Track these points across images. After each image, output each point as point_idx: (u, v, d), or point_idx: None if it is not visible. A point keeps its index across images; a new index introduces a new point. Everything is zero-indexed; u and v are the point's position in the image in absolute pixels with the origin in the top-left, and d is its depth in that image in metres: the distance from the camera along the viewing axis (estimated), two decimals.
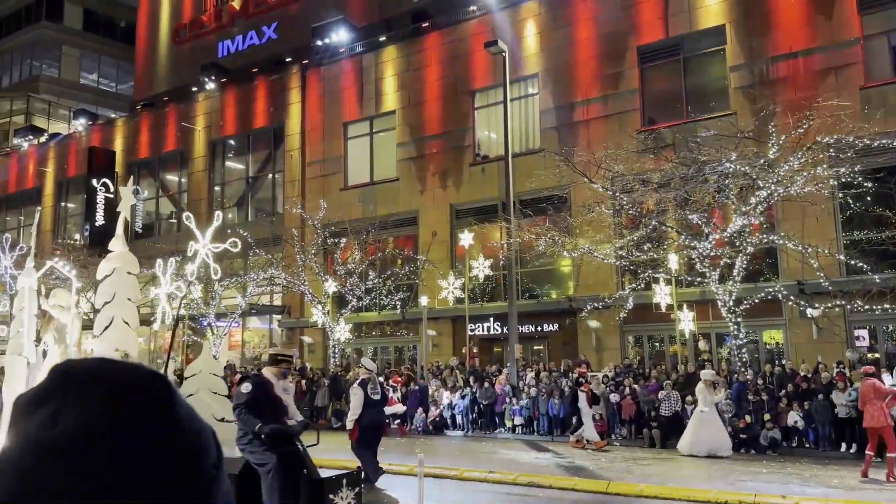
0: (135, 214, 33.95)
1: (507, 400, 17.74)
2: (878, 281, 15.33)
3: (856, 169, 15.17)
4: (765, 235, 16.66)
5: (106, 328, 10.06)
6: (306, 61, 28.36)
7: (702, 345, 17.86)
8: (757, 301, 16.40)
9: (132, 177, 15.31)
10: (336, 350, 22.93)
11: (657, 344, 20.74)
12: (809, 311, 16.07)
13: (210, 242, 11.36)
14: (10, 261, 23.16)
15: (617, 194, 17.89)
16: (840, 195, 16.24)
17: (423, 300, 21.25)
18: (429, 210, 24.29)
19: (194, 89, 31.85)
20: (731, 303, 16.07)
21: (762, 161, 15.77)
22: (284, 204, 27.21)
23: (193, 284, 17.82)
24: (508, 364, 19.23)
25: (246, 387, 6.71)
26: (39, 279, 10.32)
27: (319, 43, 28.02)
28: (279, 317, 27.06)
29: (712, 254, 16.45)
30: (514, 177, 19.67)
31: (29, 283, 9.82)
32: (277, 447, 6.54)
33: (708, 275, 16.40)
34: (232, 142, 30.91)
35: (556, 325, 21.32)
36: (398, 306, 23.32)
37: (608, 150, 17.67)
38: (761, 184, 15.74)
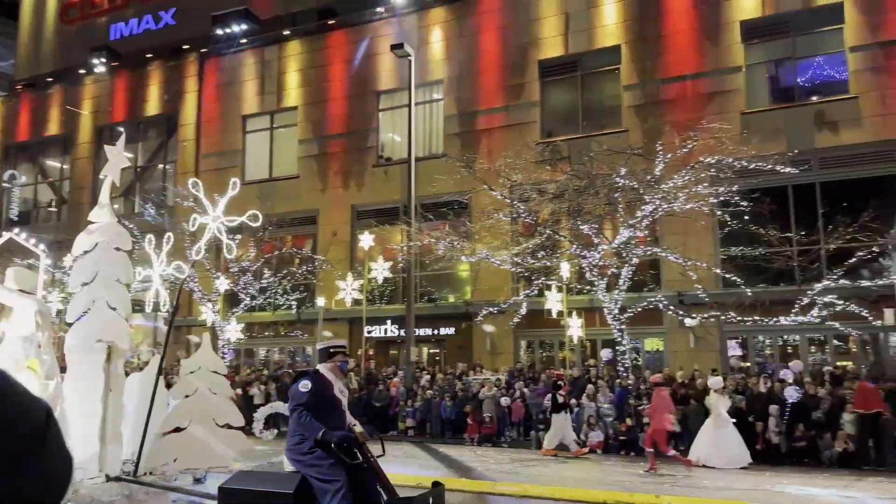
0: (10, 200, 31.68)
1: (402, 402, 17.76)
2: (750, 294, 16.43)
3: (733, 189, 16.27)
4: (649, 248, 17.55)
5: (85, 314, 8.45)
6: (205, 50, 27.37)
7: (592, 362, 18.40)
8: (640, 310, 17.22)
9: (123, 134, 12.53)
10: (227, 350, 22.19)
11: (546, 350, 21.38)
12: (687, 321, 17.03)
13: (224, 215, 9.86)
14: None
15: (514, 203, 18.36)
16: (719, 213, 17.30)
17: (320, 301, 20.95)
18: (329, 209, 23.98)
19: (82, 72, 30.03)
20: (616, 311, 16.81)
21: (649, 177, 16.63)
22: (175, 196, 26.12)
23: (197, 264, 15.25)
24: (404, 366, 19.27)
25: (305, 385, 5.48)
26: None
27: (220, 32, 27.12)
28: (165, 314, 25.89)
29: (601, 263, 17.16)
30: (416, 180, 19.76)
31: None
32: (347, 461, 5.40)
33: (596, 283, 17.10)
34: (121, 128, 29.32)
35: (452, 329, 21.56)
36: (294, 306, 22.87)
37: (508, 159, 18.11)
38: (647, 199, 16.59)
